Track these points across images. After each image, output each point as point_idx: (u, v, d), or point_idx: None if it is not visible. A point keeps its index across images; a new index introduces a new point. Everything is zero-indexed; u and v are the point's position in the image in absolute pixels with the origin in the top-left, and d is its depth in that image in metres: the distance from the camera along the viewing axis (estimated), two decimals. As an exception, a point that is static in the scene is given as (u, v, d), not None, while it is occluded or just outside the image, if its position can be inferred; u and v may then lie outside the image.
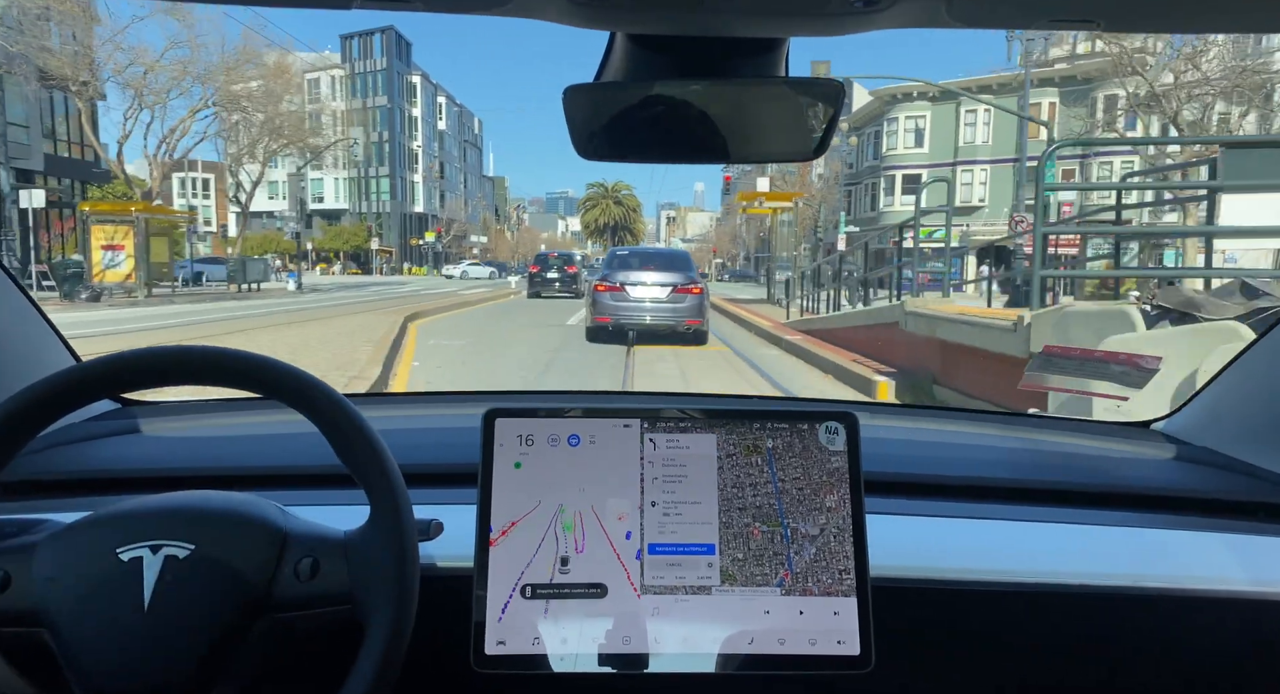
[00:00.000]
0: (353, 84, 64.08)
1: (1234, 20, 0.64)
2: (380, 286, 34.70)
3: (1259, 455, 1.06)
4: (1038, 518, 0.96)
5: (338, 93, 64.45)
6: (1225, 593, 0.87)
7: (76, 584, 0.67)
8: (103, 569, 0.67)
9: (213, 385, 0.72)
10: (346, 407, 0.70)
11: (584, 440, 0.79)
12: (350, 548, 0.70)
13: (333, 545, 0.70)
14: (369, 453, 0.69)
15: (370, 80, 64.19)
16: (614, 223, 78.33)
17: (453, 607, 0.77)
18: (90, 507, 0.75)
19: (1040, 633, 0.89)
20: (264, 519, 0.72)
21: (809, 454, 0.79)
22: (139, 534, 0.68)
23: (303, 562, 0.69)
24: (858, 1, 0.56)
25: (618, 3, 0.59)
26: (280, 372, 0.70)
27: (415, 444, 1.10)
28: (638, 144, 0.78)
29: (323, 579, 0.69)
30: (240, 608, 0.67)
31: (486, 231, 79.04)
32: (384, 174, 64.86)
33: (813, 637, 0.75)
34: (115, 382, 0.70)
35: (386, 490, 0.69)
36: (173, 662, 0.65)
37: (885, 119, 40.51)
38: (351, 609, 0.68)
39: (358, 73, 63.97)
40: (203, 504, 0.73)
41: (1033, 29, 0.65)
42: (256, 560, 0.69)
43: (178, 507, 0.72)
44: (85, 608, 0.66)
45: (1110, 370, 1.56)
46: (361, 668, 0.64)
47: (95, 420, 1.17)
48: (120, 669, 0.65)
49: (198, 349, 0.70)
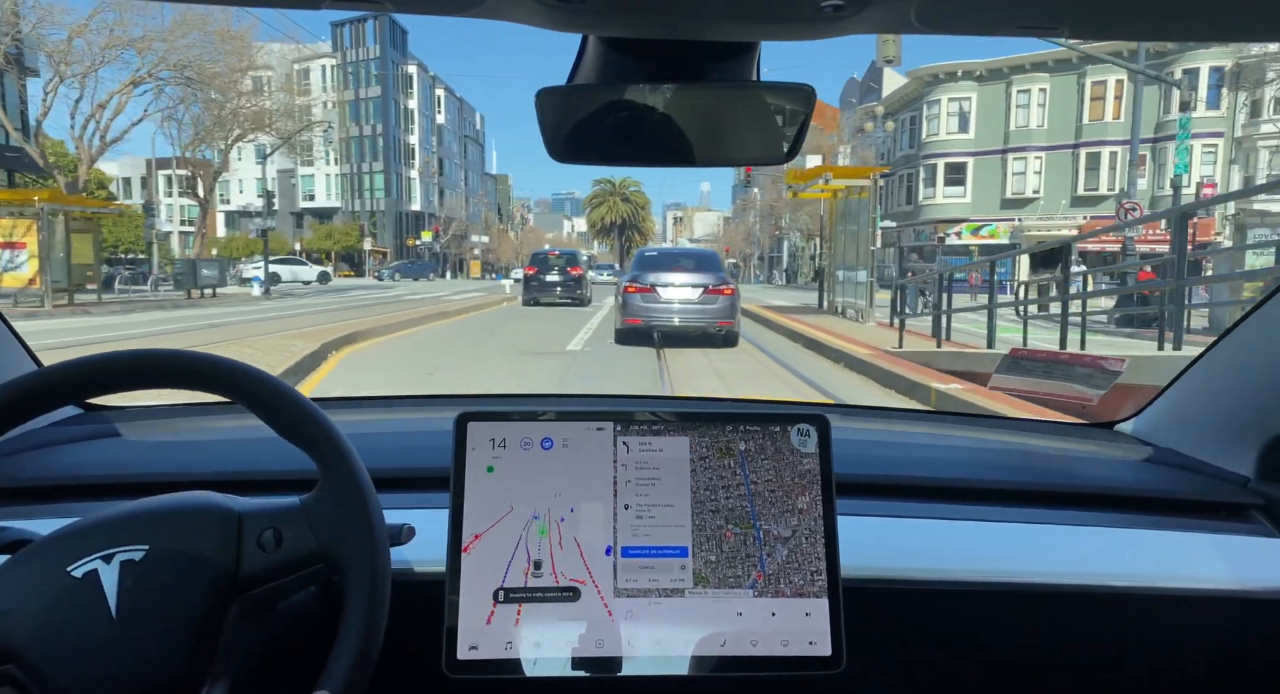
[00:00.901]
0: (344, 74, 60.34)
1: (1201, 29, 0.65)
2: (362, 290, 30.95)
3: (1220, 456, 1.08)
4: (1006, 518, 0.97)
5: (328, 83, 60.77)
6: (1188, 591, 0.89)
7: (34, 611, 0.65)
8: (58, 590, 0.65)
9: (175, 388, 0.71)
10: (277, 384, 0.70)
11: (557, 444, 0.79)
12: (309, 509, 0.70)
13: (291, 512, 0.70)
14: (306, 420, 0.69)
15: (363, 69, 60.40)
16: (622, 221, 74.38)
17: (425, 612, 0.77)
18: (53, 513, 0.73)
19: (1009, 632, 0.91)
20: (213, 505, 0.71)
21: (781, 456, 0.80)
22: (87, 548, 0.67)
23: (265, 534, 0.69)
24: (826, 7, 0.57)
25: (590, 6, 0.59)
26: (237, 372, 0.70)
27: (386, 448, 1.10)
28: (609, 147, 0.78)
29: (289, 545, 0.68)
30: (212, 593, 0.66)
31: (489, 231, 75.06)
32: (378, 170, 60.99)
33: (785, 638, 0.76)
34: (77, 387, 0.69)
35: (333, 448, 0.69)
36: (158, 662, 0.64)
37: (924, 102, 36.52)
38: (326, 568, 0.68)
39: (349, 62, 60.21)
40: (147, 506, 0.72)
41: (999, 35, 0.63)
42: (216, 543, 0.68)
43: (121, 514, 0.70)
44: (50, 632, 0.64)
45: (1075, 372, 1.59)
46: (351, 621, 0.64)
47: (59, 426, 1.16)
48: (103, 683, 0.63)
49: (157, 352, 0.70)
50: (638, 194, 75.84)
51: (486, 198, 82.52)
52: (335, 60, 60.02)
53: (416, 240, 61.08)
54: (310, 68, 60.68)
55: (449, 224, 63.96)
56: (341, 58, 59.69)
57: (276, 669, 0.76)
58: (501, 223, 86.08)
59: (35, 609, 0.65)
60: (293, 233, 62.56)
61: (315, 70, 60.77)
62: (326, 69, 60.64)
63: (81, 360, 0.69)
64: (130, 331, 11.72)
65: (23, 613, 0.65)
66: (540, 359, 9.45)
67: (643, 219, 76.55)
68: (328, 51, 59.41)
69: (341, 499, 0.68)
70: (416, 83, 64.51)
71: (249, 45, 26.62)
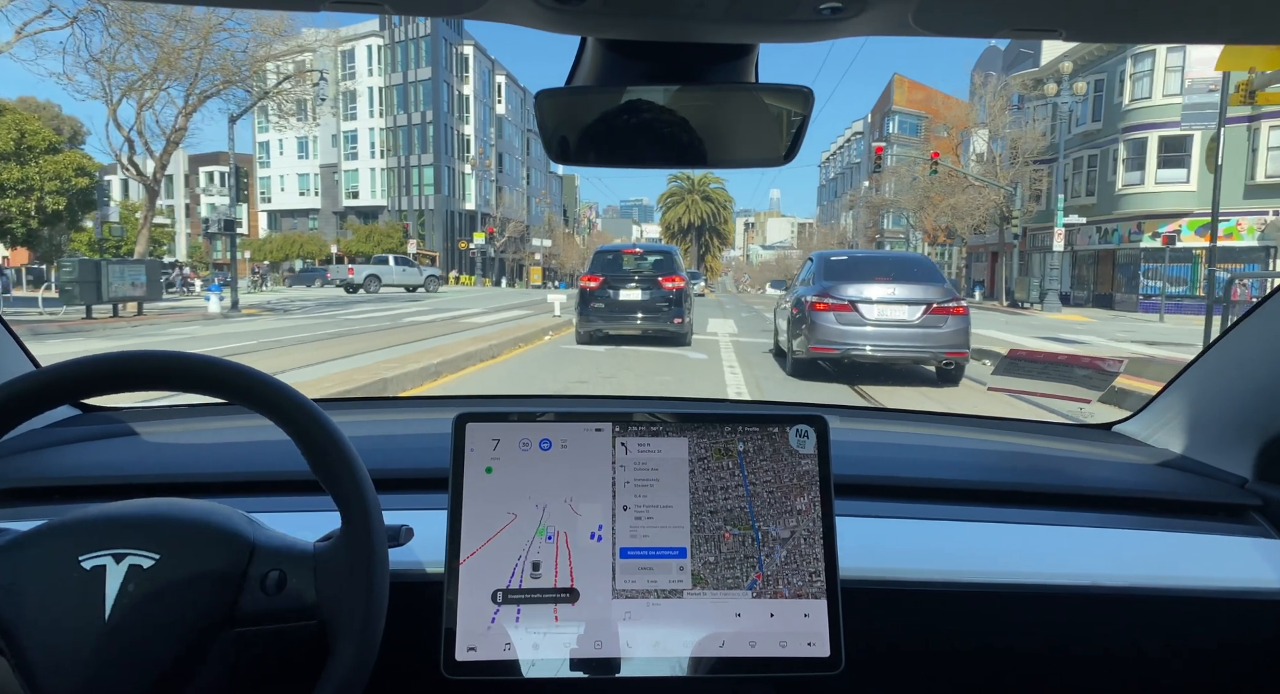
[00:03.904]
0: (392, 54, 53.67)
1: (1198, 32, 0.66)
2: (374, 303, 23.38)
3: (1216, 457, 1.08)
4: (1004, 519, 0.97)
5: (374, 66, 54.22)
6: (1187, 591, 0.89)
7: (36, 592, 0.65)
8: (65, 577, 0.65)
9: (180, 391, 0.69)
10: (318, 414, 0.68)
11: (555, 444, 0.79)
12: (319, 561, 0.69)
13: (301, 558, 0.69)
14: (341, 464, 0.67)
15: (412, 49, 53.59)
16: (700, 223, 65.92)
17: (423, 613, 0.77)
18: (52, 514, 0.72)
19: (1007, 633, 0.90)
20: (232, 529, 0.69)
21: (779, 457, 0.79)
22: (103, 541, 0.67)
23: (270, 574, 0.68)
24: (825, 9, 0.57)
25: (589, 8, 0.60)
26: (248, 377, 0.68)
27: (385, 449, 1.09)
28: (608, 148, 0.78)
29: (290, 593, 0.67)
30: (204, 621, 0.66)
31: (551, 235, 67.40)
32: (427, 163, 53.96)
33: (783, 639, 0.75)
34: (75, 387, 0.68)
35: (359, 503, 0.67)
36: (133, 675, 0.63)
37: (1129, 55, 27.03)
38: (318, 625, 0.67)
39: (398, 41, 53.50)
40: (169, 512, 0.70)
41: (996, 37, 0.64)
42: (223, 572, 0.67)
43: (144, 514, 0.70)
44: (43, 617, 0.64)
45: (1074, 373, 1.65)
46: (326, 684, 0.64)
47: (57, 426, 1.15)
48: (78, 681, 0.63)
49: (160, 354, 0.68)
50: (719, 192, 67.19)
51: (550, 199, 75.00)
52: (383, 39, 53.46)
53: (469, 243, 53.72)
54: (355, 48, 54.35)
55: (504, 225, 56.32)
56: (389, 37, 53.04)
57: (256, 693, 0.74)
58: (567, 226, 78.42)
59: (37, 591, 0.64)
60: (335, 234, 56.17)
61: (360, 50, 54.39)
62: (373, 49, 54.17)
63: (78, 361, 0.67)
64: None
65: (24, 592, 0.64)
66: None
67: (724, 220, 67.88)
68: (375, 29, 52.93)
69: (352, 560, 0.66)
70: (473, 66, 57.37)
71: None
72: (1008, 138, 33.50)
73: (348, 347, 10.13)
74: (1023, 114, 34.15)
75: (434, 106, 52.94)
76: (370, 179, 55.90)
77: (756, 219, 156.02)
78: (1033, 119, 32.82)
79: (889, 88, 55.56)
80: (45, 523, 0.69)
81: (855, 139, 67.01)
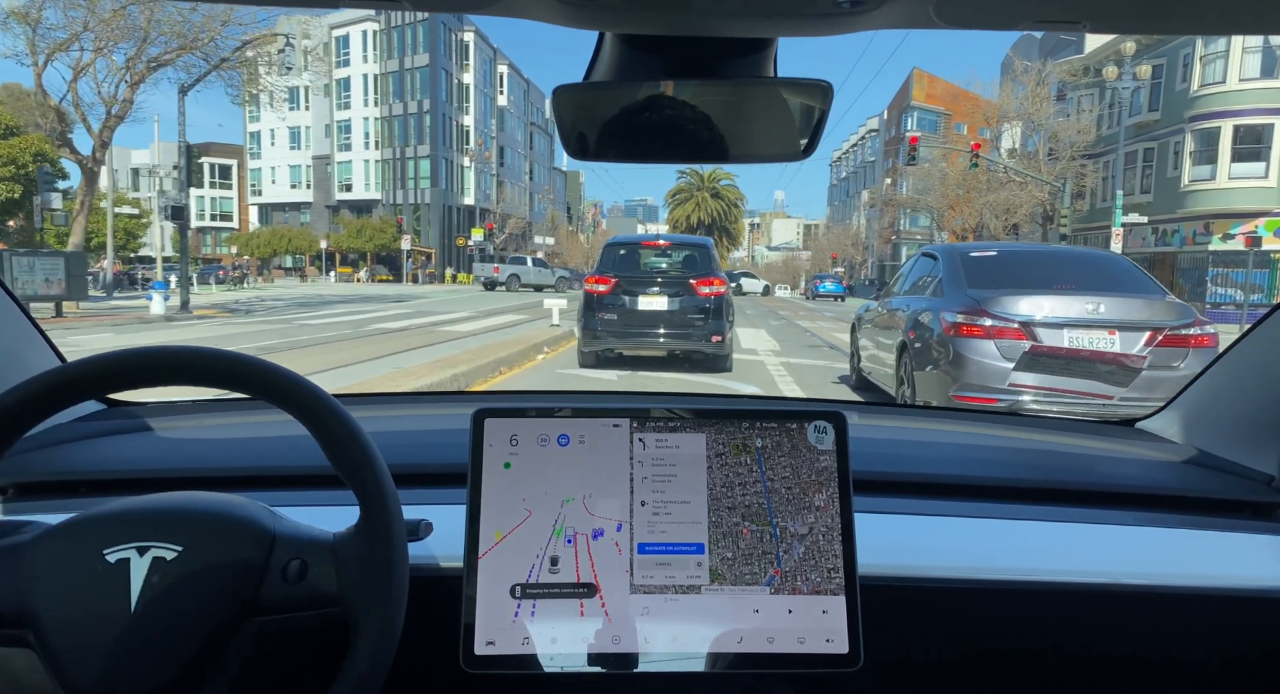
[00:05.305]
0: (388, 39, 50.99)
1: (1218, 22, 0.65)
2: (359, 303, 20.72)
3: (1242, 453, 1.06)
4: (1026, 516, 0.96)
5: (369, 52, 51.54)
6: (1213, 590, 0.88)
7: (63, 584, 0.66)
8: (90, 570, 0.67)
9: (201, 386, 0.71)
10: (338, 409, 0.69)
11: (573, 440, 0.79)
12: (339, 550, 0.70)
13: (321, 547, 0.70)
14: (361, 457, 0.68)
15: (409, 34, 50.90)
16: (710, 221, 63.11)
17: (442, 607, 0.78)
18: (77, 508, 0.74)
19: (1028, 631, 0.90)
20: (253, 521, 0.71)
21: (798, 453, 0.79)
22: (127, 535, 0.68)
23: (291, 564, 0.69)
24: (844, 3, 0.57)
25: (607, 3, 0.60)
26: (269, 372, 0.69)
27: (404, 444, 1.10)
28: (626, 144, 0.79)
29: (311, 582, 0.68)
30: (227, 610, 0.67)
31: (554, 232, 64.62)
32: (424, 155, 51.26)
33: (801, 635, 0.75)
34: (101, 382, 0.69)
35: (378, 494, 0.68)
36: (157, 665, 0.65)
37: (1195, 37, 24.25)
38: (339, 612, 0.68)
39: (394, 26, 50.81)
40: (191, 505, 0.72)
41: (1018, 29, 0.64)
42: (245, 562, 0.68)
43: (166, 507, 0.71)
44: (71, 608, 0.66)
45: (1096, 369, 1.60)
46: (348, 674, 0.65)
47: (82, 421, 1.16)
48: (104, 671, 0.64)
49: (185, 349, 0.69)
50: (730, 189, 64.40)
51: (554, 195, 72.24)
52: (379, 24, 50.80)
53: (467, 240, 50.99)
54: (350, 34, 51.70)
55: (505, 221, 53.53)
56: (385, 21, 50.36)
57: (278, 684, 0.75)
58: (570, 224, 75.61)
59: (65, 583, 0.66)
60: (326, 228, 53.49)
61: (355, 36, 51.74)
62: (368, 34, 51.51)
63: (104, 356, 0.69)
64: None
65: (52, 584, 0.66)
66: None
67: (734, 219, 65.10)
68: (370, 14, 50.25)
69: (372, 549, 0.67)
70: (474, 54, 54.66)
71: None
72: (1045, 131, 30.74)
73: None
74: (1065, 104, 31.39)
75: (431, 95, 50.23)
76: (364, 171, 53.21)
77: (762, 220, 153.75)
78: (1078, 109, 30.06)
79: (907, 83, 52.83)
80: (71, 516, 0.70)
81: (870, 136, 64.28)
